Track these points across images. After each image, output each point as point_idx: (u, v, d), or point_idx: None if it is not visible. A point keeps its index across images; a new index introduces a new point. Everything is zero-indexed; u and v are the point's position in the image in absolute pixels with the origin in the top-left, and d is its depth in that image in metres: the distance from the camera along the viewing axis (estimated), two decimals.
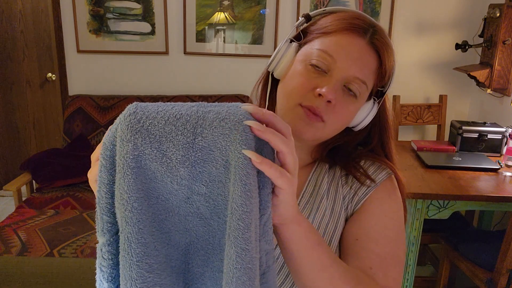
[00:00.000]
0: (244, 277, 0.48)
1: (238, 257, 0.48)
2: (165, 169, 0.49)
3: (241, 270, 0.48)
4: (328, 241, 0.76)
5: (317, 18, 0.79)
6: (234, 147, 0.48)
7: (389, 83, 0.77)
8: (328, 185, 0.80)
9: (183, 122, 0.49)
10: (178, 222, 0.53)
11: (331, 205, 0.78)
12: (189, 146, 0.49)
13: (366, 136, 0.82)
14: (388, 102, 0.81)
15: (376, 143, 0.81)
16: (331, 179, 0.80)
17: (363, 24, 0.73)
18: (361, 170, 0.78)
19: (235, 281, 0.48)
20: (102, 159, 0.51)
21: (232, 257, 0.48)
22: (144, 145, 0.49)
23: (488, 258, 1.94)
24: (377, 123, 0.81)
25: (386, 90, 0.77)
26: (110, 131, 0.51)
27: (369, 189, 0.77)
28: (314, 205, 0.78)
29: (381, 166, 0.79)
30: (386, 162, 0.80)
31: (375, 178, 0.77)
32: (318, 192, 0.79)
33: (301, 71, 0.73)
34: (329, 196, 0.79)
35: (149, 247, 0.50)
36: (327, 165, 0.82)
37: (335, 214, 0.77)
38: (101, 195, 0.52)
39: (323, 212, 0.77)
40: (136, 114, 0.50)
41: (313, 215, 0.77)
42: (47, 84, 3.37)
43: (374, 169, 0.79)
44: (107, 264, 0.53)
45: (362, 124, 0.77)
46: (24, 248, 1.97)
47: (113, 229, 0.53)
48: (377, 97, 0.78)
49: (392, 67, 0.76)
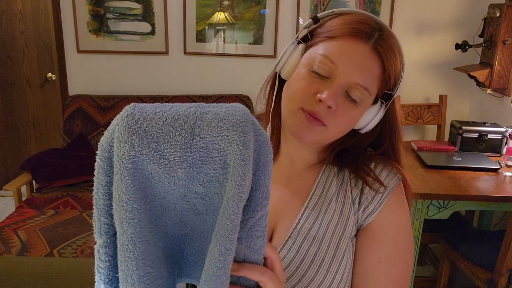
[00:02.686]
0: (223, 277, 0.48)
1: (221, 256, 0.48)
2: (163, 170, 0.49)
3: (222, 269, 0.48)
4: (336, 243, 0.76)
5: (325, 20, 0.78)
6: (232, 148, 0.48)
7: (398, 87, 0.76)
8: (337, 188, 0.79)
9: (181, 123, 0.49)
10: (175, 216, 0.54)
11: (340, 208, 0.78)
12: (187, 146, 0.49)
13: (376, 139, 0.81)
14: (398, 105, 0.80)
15: (387, 146, 0.81)
16: (340, 182, 0.80)
17: (367, 29, 0.72)
18: (371, 174, 0.78)
19: (214, 280, 0.48)
20: (100, 160, 0.51)
21: (215, 255, 0.48)
22: (141, 146, 0.49)
23: (488, 258, 1.94)
24: (386, 126, 0.80)
25: (394, 94, 0.77)
26: (108, 132, 0.51)
27: (382, 198, 0.76)
28: (322, 207, 0.78)
29: (392, 170, 0.79)
30: (397, 166, 0.80)
31: (387, 184, 0.77)
32: (326, 195, 0.79)
33: (303, 75, 0.74)
34: (338, 199, 0.79)
35: (150, 243, 0.51)
36: (336, 168, 0.81)
37: (344, 217, 0.77)
38: (99, 197, 0.52)
39: (332, 214, 0.77)
40: (134, 115, 0.49)
41: (321, 217, 0.77)
42: (47, 84, 3.37)
43: (386, 173, 0.78)
44: (104, 265, 0.53)
45: (368, 127, 0.77)
46: (24, 248, 1.97)
47: (111, 230, 0.53)
48: (385, 100, 0.77)
49: (397, 71, 0.75)
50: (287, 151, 0.82)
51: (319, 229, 0.76)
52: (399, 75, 0.75)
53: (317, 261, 0.75)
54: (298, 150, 0.82)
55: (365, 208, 0.77)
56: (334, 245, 0.76)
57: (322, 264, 0.75)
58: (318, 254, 0.75)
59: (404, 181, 0.79)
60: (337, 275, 0.75)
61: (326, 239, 0.76)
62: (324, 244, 0.76)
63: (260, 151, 0.51)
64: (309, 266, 0.74)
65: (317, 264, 0.74)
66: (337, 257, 0.75)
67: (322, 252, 0.75)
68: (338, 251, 0.76)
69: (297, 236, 0.76)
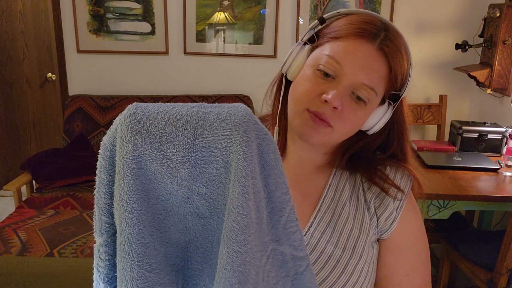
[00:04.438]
0: (233, 280, 0.48)
1: (229, 258, 0.48)
2: (165, 170, 0.49)
3: (230, 271, 0.48)
4: (352, 246, 0.76)
5: (331, 20, 0.78)
6: (235, 148, 0.48)
7: (405, 88, 0.76)
8: (350, 192, 0.80)
9: (184, 123, 0.49)
10: (178, 221, 0.53)
11: (354, 212, 0.78)
12: (189, 147, 0.49)
13: (384, 140, 0.81)
14: (405, 105, 0.80)
15: (396, 147, 0.81)
16: (352, 186, 0.81)
17: (373, 29, 0.72)
18: (388, 181, 0.78)
19: (223, 282, 0.48)
20: (102, 159, 0.51)
21: (224, 257, 0.48)
22: (144, 145, 0.49)
23: (488, 258, 1.94)
24: (395, 126, 0.80)
25: (402, 94, 0.76)
26: (110, 132, 0.51)
27: (400, 204, 0.78)
28: (336, 210, 0.78)
29: (405, 172, 0.80)
30: (408, 168, 0.81)
31: (404, 188, 0.79)
32: (339, 198, 0.79)
33: (309, 76, 0.73)
34: (351, 203, 0.79)
35: (149, 247, 0.50)
36: (347, 172, 0.82)
37: (358, 221, 0.78)
38: (100, 196, 0.52)
39: (346, 217, 0.78)
40: (137, 114, 0.49)
41: (335, 220, 0.78)
42: (47, 84, 3.37)
43: (400, 176, 0.80)
44: (104, 264, 0.53)
45: (375, 128, 0.77)
46: (24, 248, 1.97)
47: (111, 229, 0.53)
48: (393, 100, 0.77)
49: (404, 71, 0.74)
50: (294, 153, 0.82)
51: (333, 233, 0.77)
52: (406, 75, 0.75)
53: (332, 261, 0.75)
54: (306, 152, 0.81)
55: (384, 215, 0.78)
56: (350, 248, 0.76)
57: (337, 265, 0.75)
58: (333, 256, 0.75)
59: (417, 181, 0.81)
60: (352, 277, 0.75)
61: (341, 242, 0.76)
62: (339, 248, 0.76)
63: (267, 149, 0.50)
64: (323, 266, 0.75)
65: (331, 265, 0.75)
66: (354, 259, 0.76)
67: (337, 255, 0.75)
68: (354, 253, 0.76)
69: (310, 239, 0.76)
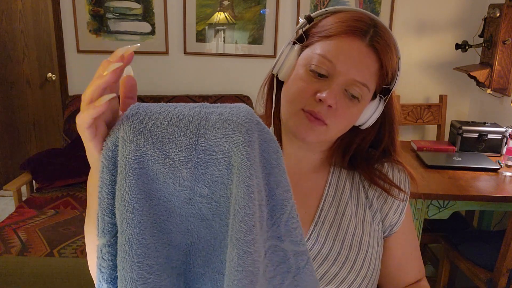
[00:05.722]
0: (245, 280, 0.48)
1: (240, 259, 0.48)
2: (168, 170, 0.49)
3: (242, 272, 0.48)
4: (358, 242, 0.78)
5: (319, 19, 0.78)
6: (237, 149, 0.48)
7: (395, 81, 0.77)
8: (350, 190, 0.82)
9: (186, 123, 0.49)
10: (180, 223, 0.53)
11: (355, 209, 0.81)
12: (191, 147, 0.49)
13: (376, 135, 0.83)
14: (395, 99, 0.82)
15: (387, 140, 0.83)
16: (352, 184, 0.83)
17: (363, 26, 0.73)
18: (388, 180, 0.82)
19: (236, 284, 0.48)
20: (104, 159, 0.51)
21: (234, 259, 0.48)
22: (146, 146, 0.49)
23: (488, 258, 1.94)
24: (386, 120, 0.82)
25: (392, 88, 0.78)
26: (112, 132, 0.51)
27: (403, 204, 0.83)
28: (339, 208, 0.80)
29: (400, 169, 0.84)
30: (402, 163, 0.84)
31: (405, 182, 0.83)
32: (341, 196, 0.81)
33: (302, 76, 0.74)
34: (352, 201, 0.81)
35: (150, 248, 0.50)
36: (346, 170, 0.84)
37: (360, 218, 0.81)
38: (103, 196, 0.51)
39: (350, 215, 0.80)
40: (139, 114, 0.49)
41: (339, 218, 0.79)
42: (47, 84, 3.37)
43: (398, 172, 0.83)
44: (107, 265, 0.53)
45: (368, 123, 0.78)
46: (24, 248, 1.97)
47: (114, 230, 0.52)
48: (383, 94, 0.78)
49: (394, 66, 0.76)
50: (291, 153, 0.83)
51: (338, 231, 0.78)
52: (396, 70, 0.77)
53: (341, 258, 0.77)
54: (302, 151, 0.82)
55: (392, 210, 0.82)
56: (357, 244, 0.78)
57: (345, 262, 0.76)
58: (341, 254, 0.77)
59: (410, 175, 0.84)
60: (361, 272, 0.77)
61: (347, 240, 0.78)
62: (346, 245, 0.78)
63: (269, 149, 0.50)
64: (333, 263, 0.76)
65: (340, 262, 0.76)
66: (361, 255, 0.78)
67: (345, 251, 0.77)
68: (361, 249, 0.78)
69: (317, 237, 0.78)
